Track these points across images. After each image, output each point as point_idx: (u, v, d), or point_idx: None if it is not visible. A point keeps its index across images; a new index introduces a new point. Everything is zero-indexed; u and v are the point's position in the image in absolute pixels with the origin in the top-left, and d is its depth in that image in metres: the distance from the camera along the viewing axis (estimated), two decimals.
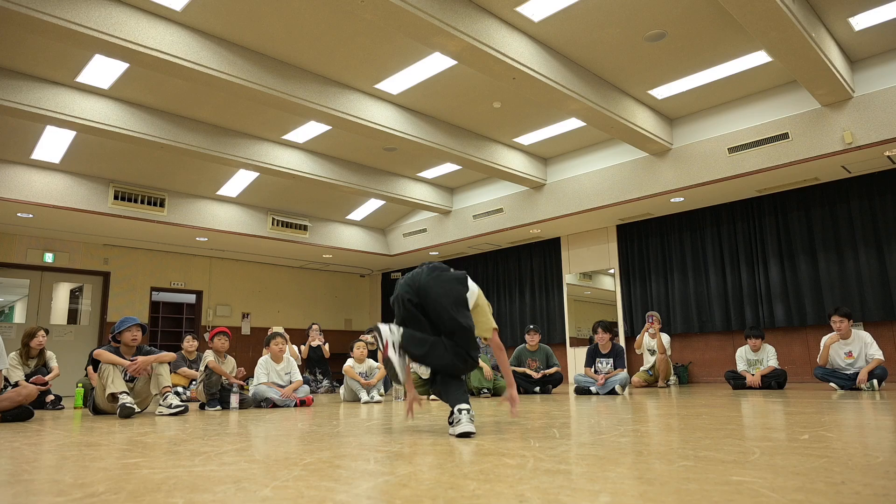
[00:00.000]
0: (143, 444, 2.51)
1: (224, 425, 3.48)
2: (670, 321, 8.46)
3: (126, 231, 8.99)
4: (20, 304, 10.95)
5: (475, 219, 9.58)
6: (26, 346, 5.96)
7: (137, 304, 10.11)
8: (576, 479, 1.53)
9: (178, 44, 5.00)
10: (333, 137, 7.59)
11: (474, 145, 7.58)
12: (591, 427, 2.89)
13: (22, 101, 5.71)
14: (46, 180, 7.63)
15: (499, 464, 1.78)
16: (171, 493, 1.43)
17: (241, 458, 2.02)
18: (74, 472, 1.80)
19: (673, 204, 8.05)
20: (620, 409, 4.10)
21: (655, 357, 7.57)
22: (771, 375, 6.29)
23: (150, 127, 6.55)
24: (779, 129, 6.54)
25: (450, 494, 1.37)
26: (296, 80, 5.78)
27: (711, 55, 5.85)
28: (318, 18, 5.08)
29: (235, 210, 9.31)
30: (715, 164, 7.02)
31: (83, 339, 9.62)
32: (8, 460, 2.13)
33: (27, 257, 9.22)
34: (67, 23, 4.40)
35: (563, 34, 5.38)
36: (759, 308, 7.73)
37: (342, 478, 1.62)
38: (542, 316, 10.04)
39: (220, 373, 5.31)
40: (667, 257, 8.71)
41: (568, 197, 8.43)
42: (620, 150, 7.93)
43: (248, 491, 1.45)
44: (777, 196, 7.69)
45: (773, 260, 7.66)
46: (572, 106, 6.05)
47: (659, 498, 1.29)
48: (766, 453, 1.90)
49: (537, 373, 6.79)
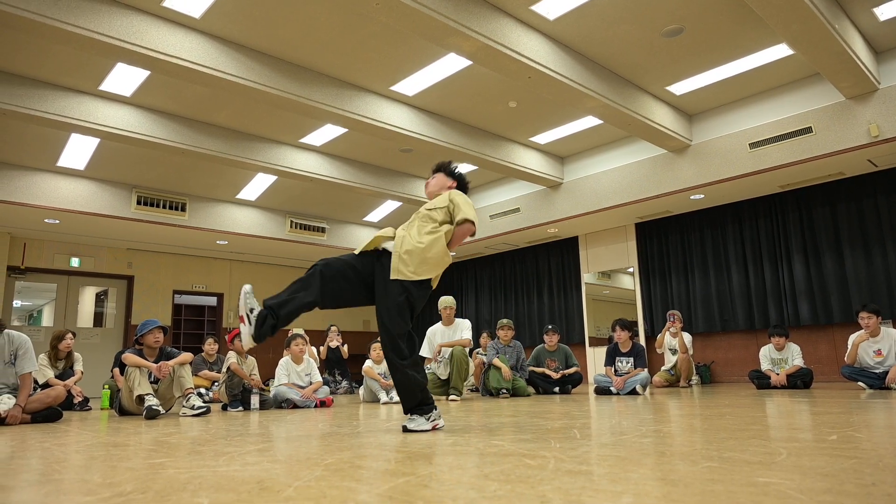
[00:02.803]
0: (168, 445, 2.55)
1: (246, 426, 3.52)
2: (692, 320, 8.36)
3: (149, 235, 9.14)
4: (48, 307, 11.20)
5: (492, 219, 9.56)
6: (55, 348, 6.09)
7: (160, 307, 10.27)
8: (598, 480, 1.52)
9: (198, 50, 5.07)
10: (350, 140, 7.63)
11: (490, 145, 7.57)
12: (611, 427, 2.87)
13: (48, 110, 5.84)
14: (72, 187, 7.79)
15: (519, 464, 1.77)
16: (196, 493, 1.45)
17: (263, 459, 2.04)
18: (103, 472, 1.83)
19: (693, 201, 7.96)
20: (641, 409, 4.06)
21: (677, 356, 7.49)
22: (796, 375, 6.18)
23: (171, 133, 6.66)
24: (802, 123, 6.43)
25: (471, 495, 1.37)
26: (312, 84, 5.83)
27: (731, 49, 5.78)
28: (333, 22, 5.12)
29: (254, 213, 9.41)
30: (736, 160, 6.92)
31: (109, 341, 9.79)
32: (39, 460, 2.18)
33: (54, 262, 9.42)
34: (91, 32, 4.49)
35: (579, 32, 5.35)
36: (783, 306, 7.60)
37: (363, 478, 1.63)
38: (561, 316, 9.99)
39: (241, 375, 5.37)
40: (687, 255, 8.61)
41: (585, 196, 8.37)
42: (638, 147, 7.86)
43: (271, 491, 1.46)
44: (801, 191, 7.56)
45: (798, 257, 7.52)
46: (589, 104, 6.01)
47: (683, 499, 1.28)
48: (793, 454, 1.87)
49: (556, 373, 6.75)
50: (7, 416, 3.83)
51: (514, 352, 6.72)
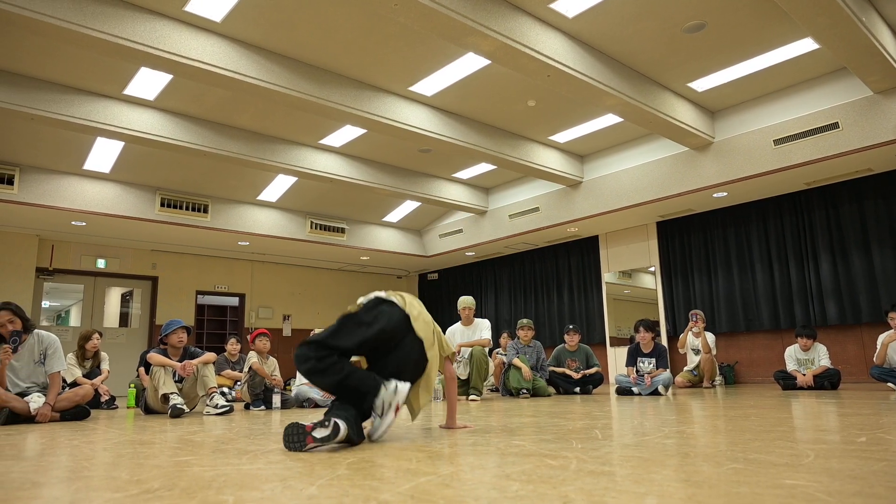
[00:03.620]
0: (192, 443, 2.59)
1: (268, 425, 3.56)
2: (715, 320, 8.25)
3: (172, 237, 9.28)
4: (75, 308, 11.44)
5: (511, 218, 9.54)
6: (82, 347, 6.23)
7: (183, 307, 10.42)
8: (620, 481, 1.51)
9: (219, 54, 5.14)
10: (369, 140, 7.67)
11: (509, 144, 7.55)
12: (633, 428, 2.84)
13: (74, 115, 5.96)
14: (97, 189, 7.94)
15: (541, 465, 1.77)
16: (221, 490, 1.47)
17: (286, 457, 2.06)
18: (130, 469, 1.86)
19: (716, 199, 7.85)
20: (664, 410, 4.01)
21: (700, 357, 7.39)
22: (823, 375, 6.06)
23: (194, 136, 6.75)
24: (828, 119, 6.31)
25: (492, 495, 1.37)
26: (332, 85, 5.87)
27: (754, 44, 5.68)
28: (352, 24, 5.14)
29: (275, 214, 9.50)
30: (760, 157, 6.81)
31: (134, 341, 9.97)
32: (68, 458, 2.23)
33: (81, 263, 9.61)
34: (116, 38, 4.57)
35: (598, 29, 5.31)
36: (809, 305, 7.46)
37: (385, 477, 1.63)
38: (581, 315, 9.92)
39: (262, 375, 5.43)
40: (710, 254, 8.49)
41: (606, 194, 8.30)
42: (659, 145, 7.77)
43: (294, 489, 1.48)
44: (827, 188, 7.41)
45: (825, 255, 7.38)
46: (609, 102, 5.96)
47: (708, 501, 1.26)
48: (820, 456, 1.83)
49: (577, 373, 6.71)
50: (37, 415, 3.92)
51: (533, 352, 6.70)
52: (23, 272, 8.81)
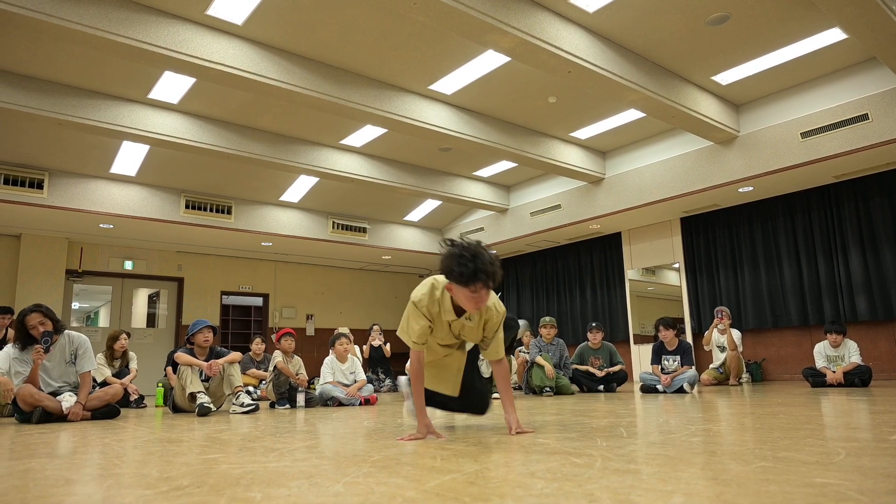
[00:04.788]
0: (220, 441, 2.63)
1: (293, 423, 3.59)
2: (741, 316, 8.11)
3: (197, 238, 9.43)
4: (104, 309, 11.69)
5: (532, 216, 9.49)
6: (110, 348, 6.36)
7: (209, 308, 10.58)
8: (646, 479, 1.49)
9: (241, 57, 5.20)
10: (389, 140, 7.70)
11: (530, 142, 7.51)
12: (659, 426, 2.81)
13: (101, 119, 6.09)
14: (124, 192, 8.10)
15: (566, 463, 1.76)
16: (249, 488, 1.49)
17: (311, 455, 2.08)
18: (160, 467, 1.90)
19: (741, 194, 7.72)
20: (690, 407, 3.96)
21: (725, 354, 7.28)
22: (854, 372, 5.93)
23: (217, 138, 6.85)
24: (857, 110, 6.16)
25: (517, 493, 1.37)
26: (352, 86, 5.90)
27: (779, 36, 5.57)
28: (371, 24, 5.17)
29: (297, 215, 9.59)
30: (787, 151, 6.68)
31: (161, 341, 10.15)
32: (99, 455, 2.28)
33: (109, 265, 9.82)
34: (140, 42, 4.66)
35: (620, 23, 5.25)
36: (839, 301, 7.29)
37: (410, 475, 1.64)
38: (605, 313, 9.84)
39: (287, 374, 5.48)
40: (736, 250, 8.36)
41: (628, 191, 8.22)
42: (683, 139, 7.67)
43: (320, 486, 1.49)
44: (856, 182, 7.24)
45: (854, 249, 7.21)
46: (631, 97, 5.89)
47: (736, 500, 1.24)
48: (852, 454, 1.79)
49: (601, 371, 6.66)
50: (69, 413, 4.01)
51: (556, 350, 6.66)
52: (53, 274, 9.02)
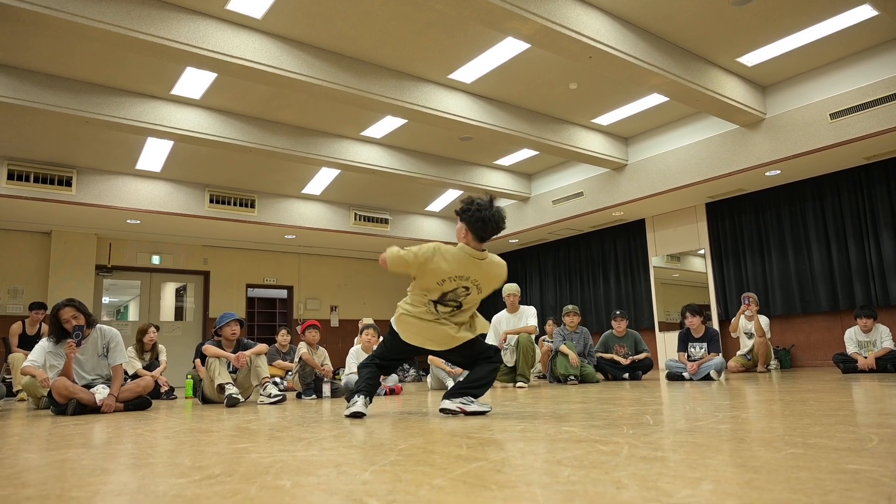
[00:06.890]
0: (249, 431, 2.68)
1: (320, 413, 3.64)
2: (769, 302, 7.98)
3: (222, 232, 9.56)
4: (133, 303, 11.94)
5: (554, 204, 9.43)
6: (139, 341, 6.50)
7: (235, 300, 10.75)
8: (674, 466, 1.48)
9: (261, 51, 5.24)
10: (410, 131, 7.70)
11: (551, 129, 7.45)
12: (686, 413, 2.78)
13: (126, 116, 6.19)
14: (150, 188, 8.25)
15: (592, 450, 1.75)
16: (278, 476, 1.52)
17: (339, 444, 2.10)
18: (191, 456, 1.94)
19: (768, 178, 7.56)
20: (717, 395, 3.92)
21: (753, 340, 7.17)
22: (886, 358, 5.80)
23: (239, 132, 6.92)
24: (889, 89, 5.98)
25: (544, 480, 1.37)
26: (371, 77, 5.90)
27: (807, 14, 5.43)
28: (389, 14, 5.15)
29: (320, 207, 9.67)
30: (815, 132, 6.52)
31: (189, 334, 10.35)
32: (133, 445, 2.34)
33: (137, 260, 10.02)
34: (162, 39, 4.72)
35: (642, 6, 5.16)
36: (870, 285, 7.12)
37: (437, 463, 1.65)
38: (629, 301, 9.75)
39: (312, 365, 5.55)
40: (763, 235, 8.20)
41: (652, 177, 8.11)
42: (708, 123, 7.53)
43: (348, 475, 1.51)
44: (889, 163, 7.04)
45: (887, 233, 7.02)
46: (654, 81, 5.80)
47: (767, 486, 1.23)
48: (885, 440, 1.76)
49: (626, 359, 6.61)
50: (103, 405, 4.11)
51: (580, 338, 6.64)
52: (84, 270, 9.24)
